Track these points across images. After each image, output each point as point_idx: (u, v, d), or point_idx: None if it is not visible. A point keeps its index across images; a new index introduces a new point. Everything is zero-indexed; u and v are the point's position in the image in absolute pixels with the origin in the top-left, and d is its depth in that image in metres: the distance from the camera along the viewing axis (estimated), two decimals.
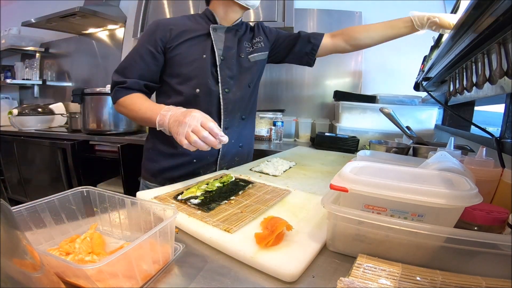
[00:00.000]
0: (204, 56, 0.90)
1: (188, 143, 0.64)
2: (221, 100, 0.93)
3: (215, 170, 0.98)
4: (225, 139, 0.65)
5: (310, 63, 1.14)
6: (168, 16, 1.90)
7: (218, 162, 0.98)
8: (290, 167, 0.98)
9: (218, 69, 0.92)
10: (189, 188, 0.67)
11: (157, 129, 0.75)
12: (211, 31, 0.92)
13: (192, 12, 1.84)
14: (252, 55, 1.02)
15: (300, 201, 0.65)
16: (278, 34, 1.11)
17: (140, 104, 0.83)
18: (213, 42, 0.91)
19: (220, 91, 0.93)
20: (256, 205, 0.61)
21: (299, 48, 1.09)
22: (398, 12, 1.78)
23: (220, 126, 0.89)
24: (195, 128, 0.64)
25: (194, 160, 0.96)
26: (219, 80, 0.92)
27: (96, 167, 1.98)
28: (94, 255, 0.40)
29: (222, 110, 0.94)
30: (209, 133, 0.64)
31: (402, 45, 1.79)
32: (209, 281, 0.38)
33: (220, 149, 0.96)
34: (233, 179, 0.76)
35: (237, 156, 1.04)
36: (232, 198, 0.64)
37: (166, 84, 0.93)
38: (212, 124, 0.65)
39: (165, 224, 0.39)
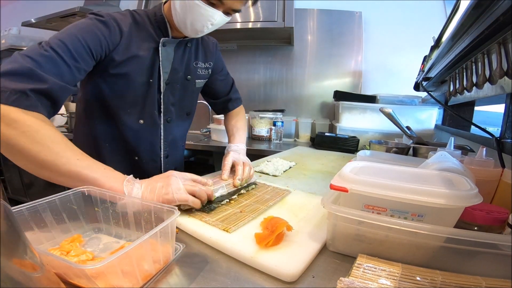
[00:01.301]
0: (151, 80, 0.75)
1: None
2: (162, 132, 0.82)
3: None
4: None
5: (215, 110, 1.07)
6: None
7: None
8: (290, 167, 0.99)
9: (162, 95, 0.78)
10: None
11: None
12: (160, 48, 0.74)
13: None
14: (199, 80, 0.89)
15: (300, 201, 0.65)
16: (222, 69, 0.98)
17: (72, 146, 0.53)
18: (160, 63, 0.75)
19: (162, 122, 0.81)
20: (255, 205, 0.61)
21: (218, 100, 1.02)
22: (398, 12, 1.80)
23: (160, 157, 0.85)
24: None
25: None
26: (162, 109, 0.80)
27: None
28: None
29: (162, 142, 0.84)
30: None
31: (402, 45, 1.80)
32: (209, 281, 0.38)
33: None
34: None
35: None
36: (233, 197, 0.65)
37: (102, 106, 0.74)
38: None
39: (166, 224, 0.39)
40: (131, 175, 0.56)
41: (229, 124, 1.01)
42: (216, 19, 0.70)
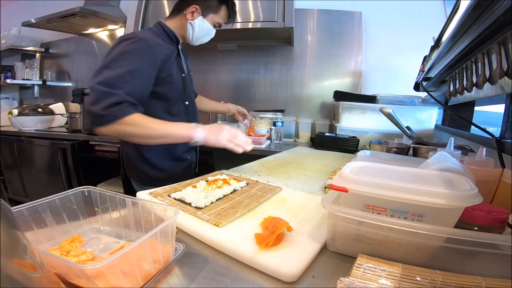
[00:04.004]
0: (183, 75, 1.04)
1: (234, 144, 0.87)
2: (194, 106, 1.16)
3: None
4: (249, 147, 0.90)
5: None
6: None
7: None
8: (233, 191, 0.69)
9: (188, 85, 1.09)
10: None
11: (190, 141, 0.84)
12: (180, 51, 1.06)
13: None
14: (191, 73, 1.21)
15: (300, 201, 0.65)
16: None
17: (156, 121, 0.83)
18: (182, 61, 1.06)
19: (192, 101, 1.13)
20: (247, 201, 0.63)
21: None
22: (398, 12, 1.80)
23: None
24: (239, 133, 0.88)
25: (193, 165, 1.17)
26: (192, 96, 1.12)
27: (96, 167, 1.98)
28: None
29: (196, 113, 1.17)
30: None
31: (402, 45, 1.80)
32: (210, 281, 0.38)
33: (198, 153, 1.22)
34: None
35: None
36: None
37: (157, 97, 0.97)
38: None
39: (166, 224, 0.39)
40: (195, 123, 0.89)
41: (205, 100, 1.47)
42: (213, 35, 1.09)
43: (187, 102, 1.08)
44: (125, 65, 0.81)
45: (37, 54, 2.70)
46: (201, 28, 1.02)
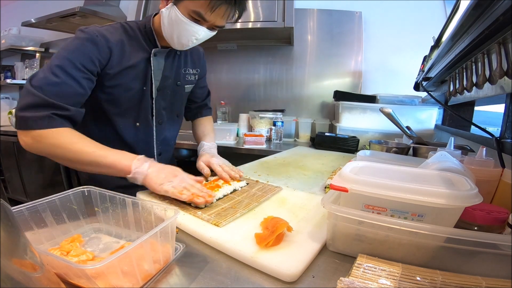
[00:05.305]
0: (145, 88, 0.82)
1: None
2: (154, 133, 0.89)
3: None
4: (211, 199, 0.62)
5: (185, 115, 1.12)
6: None
7: None
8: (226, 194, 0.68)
9: (154, 101, 0.85)
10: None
11: (128, 175, 0.64)
12: (151, 58, 0.80)
13: None
14: (188, 85, 0.97)
15: (300, 201, 0.65)
16: (204, 77, 1.07)
17: (87, 143, 0.65)
18: (152, 72, 0.82)
19: (154, 124, 0.88)
20: (247, 201, 0.63)
21: (194, 105, 1.10)
22: (398, 12, 1.80)
23: (154, 155, 0.92)
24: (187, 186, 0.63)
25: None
26: (153, 113, 0.87)
27: None
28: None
29: (155, 142, 0.91)
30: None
31: (402, 45, 1.80)
32: (209, 281, 0.38)
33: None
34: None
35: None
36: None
37: (100, 111, 0.79)
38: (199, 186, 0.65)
39: (166, 224, 0.39)
40: (143, 155, 0.67)
41: (201, 125, 1.10)
42: (200, 34, 0.76)
43: (138, 124, 0.84)
44: (56, 65, 0.65)
45: (37, 54, 2.70)
46: (168, 19, 0.74)
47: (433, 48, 1.07)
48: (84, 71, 0.68)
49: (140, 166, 0.63)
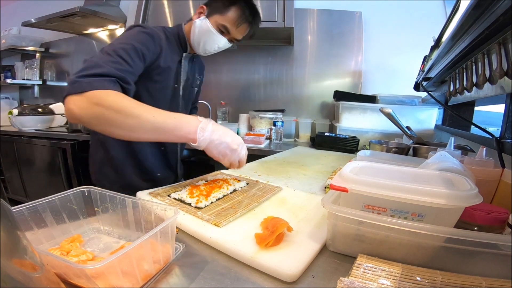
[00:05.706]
0: (176, 86, 0.94)
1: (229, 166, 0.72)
2: None
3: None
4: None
5: None
6: (168, 16, 1.90)
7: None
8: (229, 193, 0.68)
9: (180, 97, 0.97)
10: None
11: (193, 143, 0.64)
12: (182, 60, 0.93)
13: (192, 13, 1.84)
14: (196, 89, 1.11)
15: (300, 201, 0.65)
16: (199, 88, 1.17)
17: (148, 108, 0.62)
18: (182, 72, 0.94)
19: None
20: (247, 201, 0.63)
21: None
22: (398, 12, 1.80)
23: (177, 147, 1.04)
24: (242, 158, 0.72)
25: (158, 174, 0.99)
26: (179, 109, 0.98)
27: None
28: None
29: None
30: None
31: (402, 45, 1.80)
32: (209, 281, 0.38)
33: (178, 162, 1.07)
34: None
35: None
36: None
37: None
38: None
39: (166, 224, 0.39)
40: (205, 119, 0.66)
41: None
42: (221, 43, 0.93)
43: None
44: (118, 45, 0.70)
45: (37, 54, 2.70)
46: (200, 28, 0.89)
47: (433, 48, 1.07)
48: (141, 57, 0.74)
49: (205, 130, 0.65)
